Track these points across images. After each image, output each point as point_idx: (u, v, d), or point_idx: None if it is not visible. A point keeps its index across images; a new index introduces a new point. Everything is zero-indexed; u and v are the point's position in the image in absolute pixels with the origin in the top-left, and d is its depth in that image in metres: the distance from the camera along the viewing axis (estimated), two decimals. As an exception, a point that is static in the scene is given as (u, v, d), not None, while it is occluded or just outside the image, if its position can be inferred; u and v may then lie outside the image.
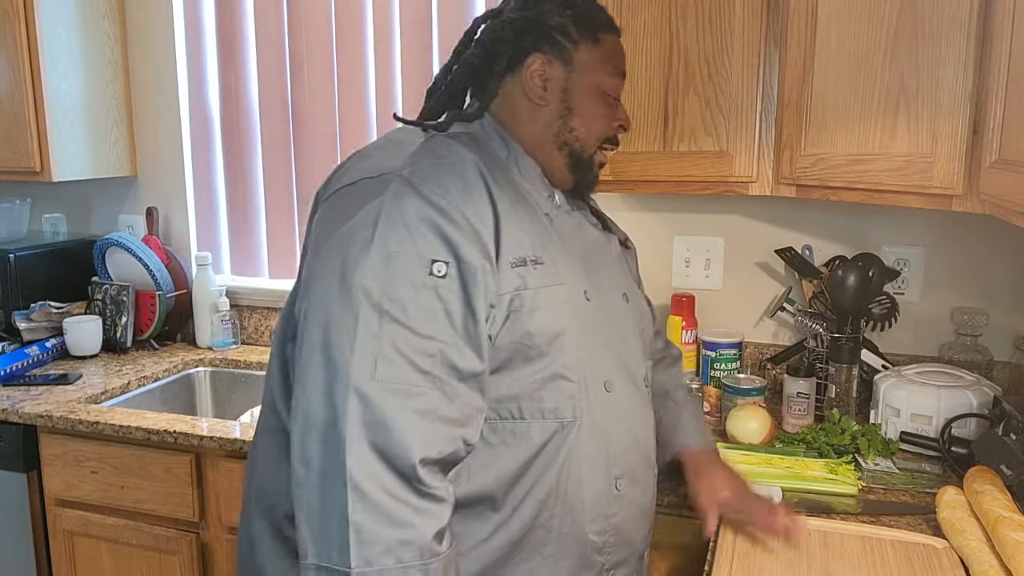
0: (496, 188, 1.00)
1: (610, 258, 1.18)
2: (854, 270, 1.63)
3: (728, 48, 1.53)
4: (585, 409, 1.04)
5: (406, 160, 0.98)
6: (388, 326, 0.89)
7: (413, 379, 0.89)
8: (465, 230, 0.94)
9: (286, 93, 2.23)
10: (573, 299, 1.04)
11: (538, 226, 1.04)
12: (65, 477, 1.83)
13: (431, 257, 0.92)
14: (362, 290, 0.90)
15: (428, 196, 0.94)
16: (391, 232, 0.92)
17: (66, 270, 2.33)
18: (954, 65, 1.21)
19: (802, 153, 1.47)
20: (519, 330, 0.98)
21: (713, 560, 1.15)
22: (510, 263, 0.98)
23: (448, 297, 0.92)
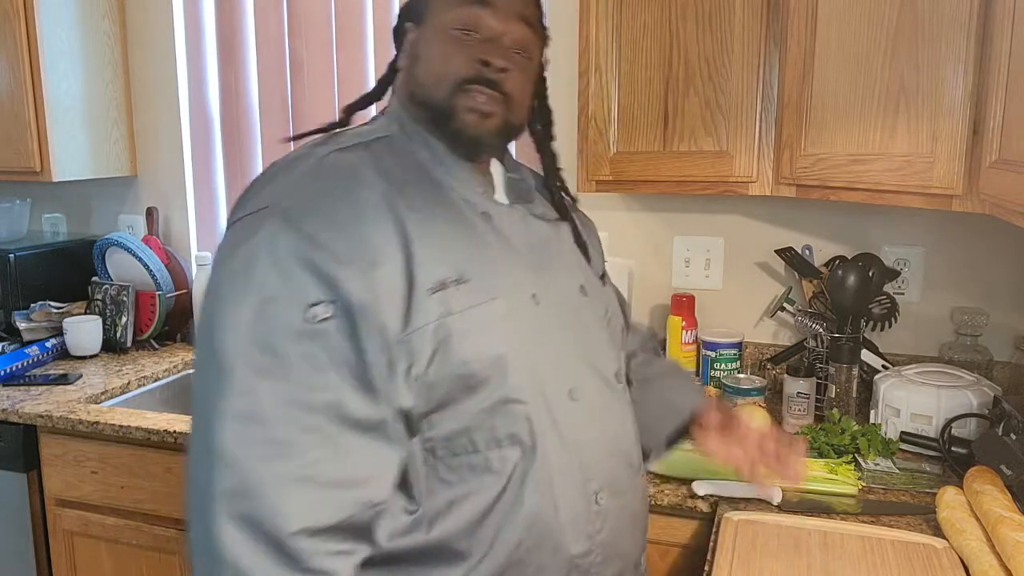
0: (404, 206, 0.90)
1: (561, 251, 1.07)
2: (854, 270, 1.63)
3: (728, 48, 1.53)
4: (548, 426, 0.94)
5: (291, 187, 0.89)
6: (264, 383, 0.80)
7: (294, 439, 0.80)
8: (352, 265, 0.84)
9: (286, 93, 2.23)
10: (516, 309, 0.94)
11: (467, 234, 0.94)
12: (65, 477, 1.83)
13: (309, 300, 0.82)
14: (233, 346, 0.81)
15: (307, 231, 0.84)
16: (266, 276, 0.83)
17: (66, 270, 2.33)
18: (954, 65, 1.21)
19: (802, 153, 1.47)
20: (453, 361, 0.88)
21: (713, 560, 1.15)
22: (427, 290, 0.87)
23: (334, 342, 0.83)
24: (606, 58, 1.62)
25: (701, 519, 1.39)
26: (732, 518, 1.26)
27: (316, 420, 0.81)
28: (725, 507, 1.32)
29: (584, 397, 0.98)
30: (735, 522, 1.25)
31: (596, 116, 1.65)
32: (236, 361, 0.81)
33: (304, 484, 0.80)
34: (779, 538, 1.20)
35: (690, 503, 1.37)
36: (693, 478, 1.40)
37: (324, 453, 0.81)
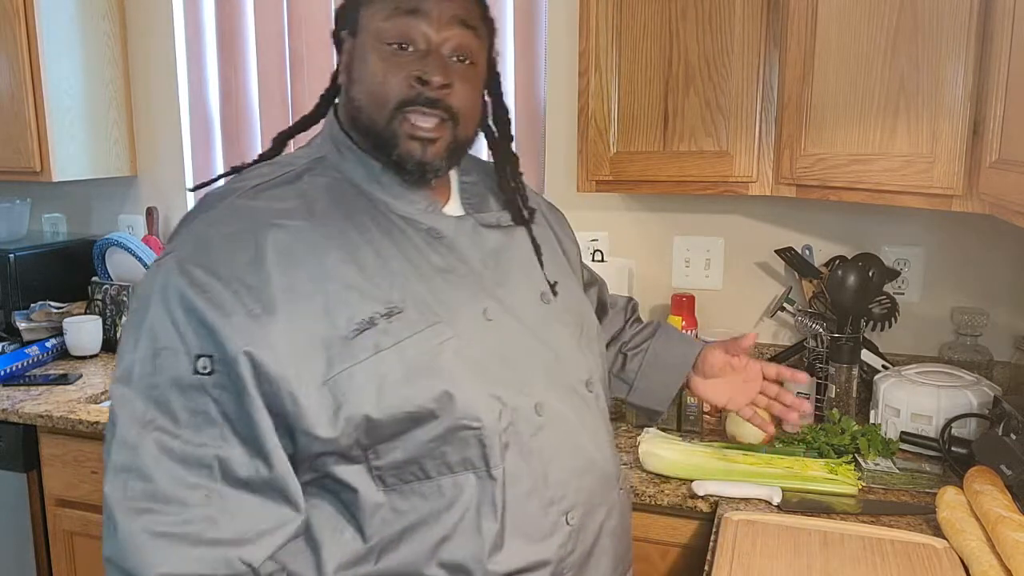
0: (325, 242, 0.85)
1: (518, 259, 1.00)
2: (854, 270, 1.63)
3: (728, 48, 1.53)
4: (506, 448, 0.88)
5: (193, 233, 0.85)
6: (151, 436, 0.79)
7: (174, 494, 0.78)
8: (236, 315, 0.79)
9: (286, 92, 2.23)
10: (465, 330, 0.89)
11: (403, 259, 0.89)
12: (65, 477, 1.83)
13: (197, 352, 0.79)
14: (122, 396, 0.81)
15: (198, 280, 0.81)
16: (158, 325, 0.81)
17: (66, 270, 2.33)
18: (954, 65, 1.21)
19: (802, 153, 1.47)
20: (393, 399, 0.83)
21: (713, 560, 1.15)
22: (352, 331, 0.83)
23: (220, 396, 0.80)
24: (606, 58, 1.62)
25: (701, 519, 1.39)
26: (732, 518, 1.26)
27: (199, 477, 0.79)
28: (725, 507, 1.32)
29: (550, 412, 0.93)
30: (735, 522, 1.25)
31: (596, 116, 1.65)
32: (122, 412, 0.80)
33: (174, 540, 0.78)
34: (779, 538, 1.20)
35: (690, 503, 1.37)
36: (693, 478, 1.40)
37: (205, 511, 0.79)
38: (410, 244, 0.91)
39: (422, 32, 0.88)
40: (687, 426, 1.65)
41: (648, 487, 1.40)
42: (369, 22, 0.90)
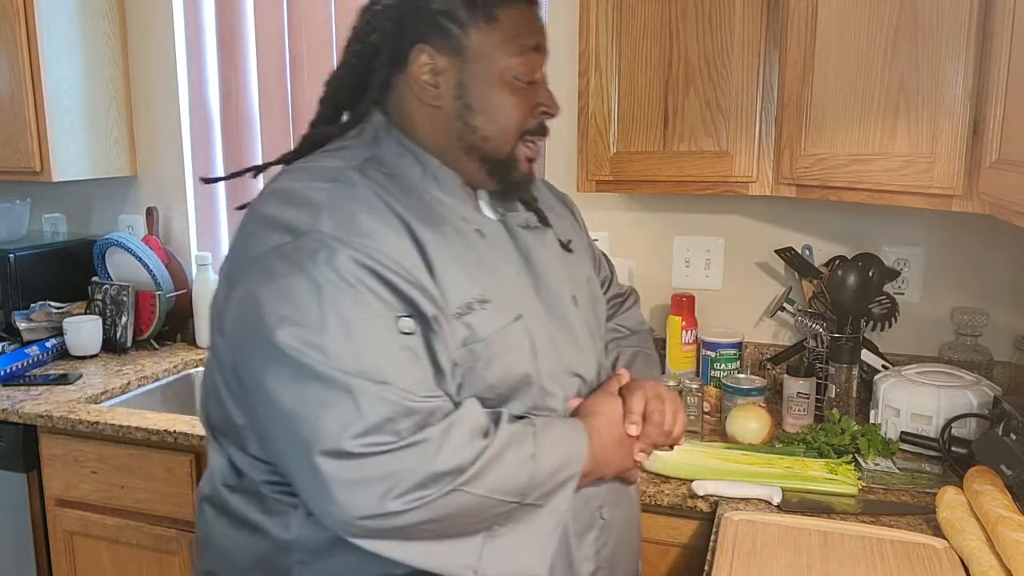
0: (419, 227, 0.88)
1: (551, 260, 1.04)
2: (854, 270, 1.63)
3: (728, 48, 1.53)
4: None
5: (319, 211, 0.85)
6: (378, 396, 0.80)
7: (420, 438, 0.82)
8: (412, 280, 0.84)
9: (286, 93, 2.23)
10: (533, 327, 0.94)
11: (474, 253, 0.93)
12: (65, 477, 1.83)
13: (396, 314, 0.83)
14: (332, 372, 0.80)
15: (364, 248, 0.83)
16: (342, 299, 0.81)
17: (66, 270, 2.33)
18: (954, 65, 1.21)
19: (802, 153, 1.47)
20: (479, 385, 0.89)
21: (713, 560, 1.15)
22: (454, 313, 0.87)
23: (421, 355, 0.84)
24: (606, 58, 1.62)
25: (701, 519, 1.39)
26: (732, 518, 1.26)
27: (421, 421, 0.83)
28: (725, 507, 1.32)
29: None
30: (735, 522, 1.25)
31: (596, 116, 1.65)
32: (344, 378, 0.80)
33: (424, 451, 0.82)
34: (779, 538, 1.20)
35: (690, 503, 1.37)
36: (693, 478, 1.39)
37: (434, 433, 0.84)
38: (472, 243, 0.94)
39: (539, 65, 0.96)
40: (687, 426, 1.65)
41: (648, 487, 1.40)
42: (489, 52, 0.92)
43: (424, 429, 0.82)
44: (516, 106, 0.94)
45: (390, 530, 0.82)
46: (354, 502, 0.80)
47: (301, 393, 0.81)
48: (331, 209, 0.85)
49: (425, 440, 0.81)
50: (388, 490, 0.80)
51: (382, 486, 0.80)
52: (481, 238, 0.95)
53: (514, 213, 1.03)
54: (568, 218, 1.18)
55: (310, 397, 0.80)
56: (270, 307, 0.82)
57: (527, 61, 0.93)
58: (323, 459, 0.80)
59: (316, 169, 0.92)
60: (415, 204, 0.91)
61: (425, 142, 0.96)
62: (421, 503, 0.81)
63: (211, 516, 1.01)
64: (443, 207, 0.94)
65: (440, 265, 0.87)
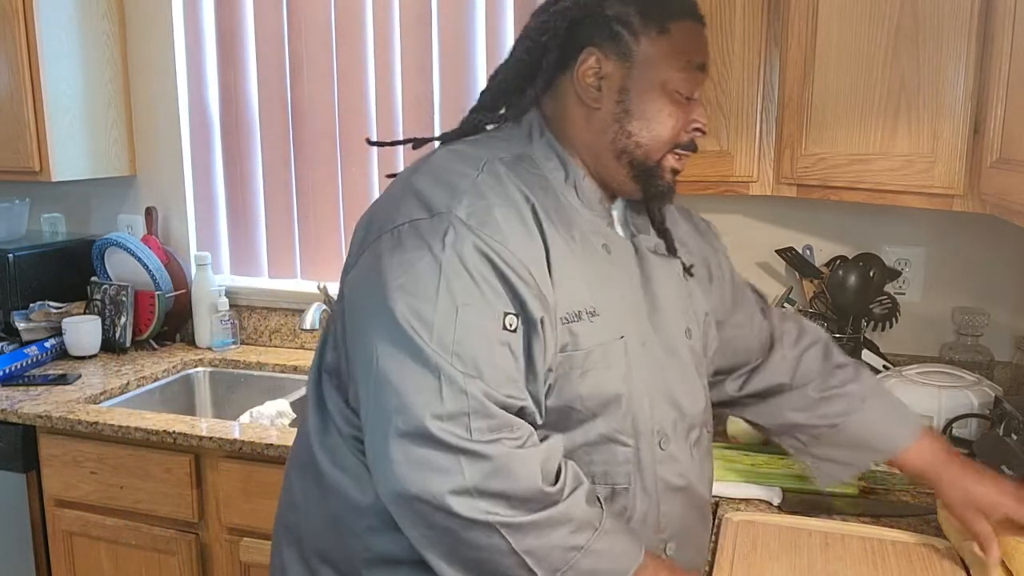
0: (550, 228, 0.91)
1: (672, 289, 1.04)
2: (855, 270, 1.63)
3: (728, 48, 1.53)
4: (637, 472, 0.95)
5: (459, 196, 0.89)
6: (473, 384, 0.83)
7: (509, 421, 0.85)
8: (527, 280, 0.87)
9: (286, 93, 2.23)
10: (632, 351, 0.95)
11: (595, 265, 0.95)
12: (64, 477, 1.83)
13: (503, 309, 0.85)
14: (433, 352, 0.83)
15: (490, 242, 0.86)
16: (457, 282, 0.84)
17: (65, 270, 2.32)
18: (955, 65, 1.21)
19: (803, 153, 1.47)
20: (568, 394, 0.91)
21: (713, 560, 1.15)
22: (562, 318, 0.90)
23: (518, 353, 0.86)
24: (606, 58, 1.62)
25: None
26: (732, 518, 1.26)
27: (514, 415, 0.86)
28: (725, 507, 1.32)
29: (671, 447, 0.99)
30: (735, 522, 1.25)
31: (596, 116, 1.64)
32: (441, 365, 0.82)
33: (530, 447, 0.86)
34: (779, 538, 1.20)
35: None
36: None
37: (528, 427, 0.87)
38: (596, 253, 0.96)
39: (700, 85, 0.97)
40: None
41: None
42: (655, 61, 0.93)
43: (495, 442, 0.83)
44: (672, 117, 0.95)
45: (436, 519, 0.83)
46: (411, 480, 0.82)
47: (397, 363, 0.84)
48: (471, 196, 0.88)
49: (488, 457, 0.82)
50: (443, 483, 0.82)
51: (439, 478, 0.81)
52: (607, 253, 0.97)
53: (645, 236, 1.05)
54: (704, 248, 1.18)
55: (404, 369, 0.84)
56: (392, 274, 0.86)
57: (690, 77, 0.95)
58: (397, 431, 0.83)
59: (470, 155, 0.94)
60: (552, 205, 0.94)
61: (577, 144, 0.98)
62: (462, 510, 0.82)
63: (295, 478, 1.04)
64: (577, 215, 0.96)
65: (560, 269, 0.90)
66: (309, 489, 1.01)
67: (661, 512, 0.98)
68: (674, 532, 1.00)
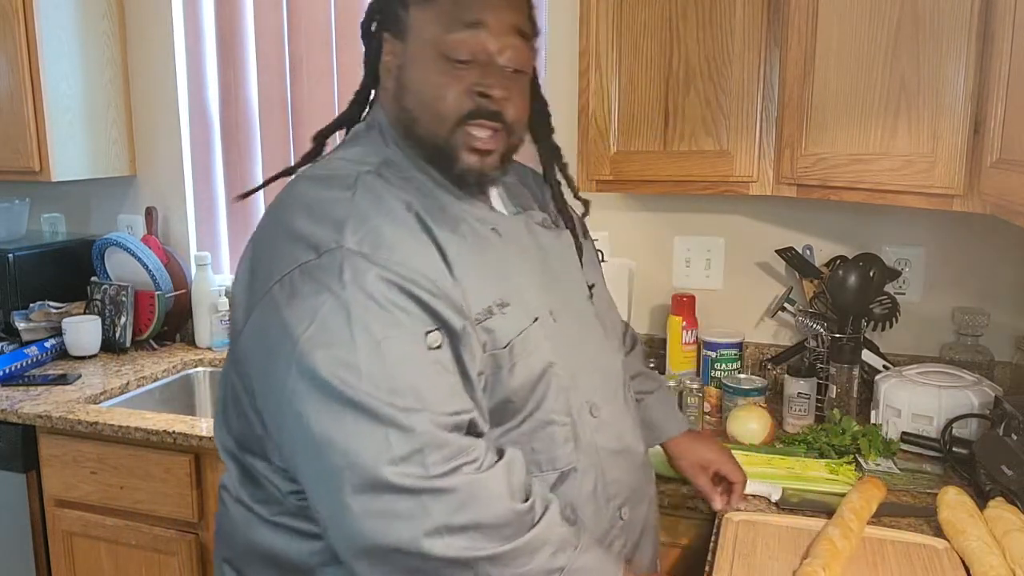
0: (439, 231, 0.86)
1: (567, 257, 1.03)
2: (855, 270, 1.63)
3: (728, 48, 1.53)
4: (576, 448, 0.94)
5: (343, 226, 0.83)
6: (417, 417, 0.79)
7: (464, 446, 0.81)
8: (437, 292, 0.83)
9: (286, 93, 2.23)
10: (548, 329, 0.92)
11: (492, 254, 0.91)
12: (64, 477, 1.83)
13: (424, 329, 0.81)
14: (367, 397, 0.78)
15: (389, 266, 0.81)
16: (370, 317, 0.79)
17: (65, 270, 2.32)
18: (955, 64, 1.21)
19: (803, 153, 1.47)
20: (502, 391, 0.88)
21: (713, 560, 1.15)
22: (475, 319, 0.86)
23: (451, 368, 0.83)
24: (606, 58, 1.62)
25: (701, 519, 1.38)
26: (732, 518, 1.26)
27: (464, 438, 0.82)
28: (725, 507, 1.32)
29: (602, 412, 0.98)
30: (735, 522, 1.25)
31: (596, 116, 1.65)
32: (377, 408, 0.78)
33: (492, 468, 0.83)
34: (779, 538, 1.20)
35: (690, 503, 1.37)
36: (693, 478, 1.39)
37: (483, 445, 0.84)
38: (489, 243, 0.93)
39: (482, 44, 0.88)
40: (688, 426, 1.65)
41: (648, 487, 1.40)
42: (424, 29, 0.88)
43: (454, 472, 0.79)
44: (447, 85, 0.87)
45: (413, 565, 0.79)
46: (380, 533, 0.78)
47: (335, 420, 0.79)
48: (355, 223, 0.83)
49: (451, 490, 0.79)
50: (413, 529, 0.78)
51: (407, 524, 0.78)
52: (499, 237, 0.94)
53: (531, 211, 1.02)
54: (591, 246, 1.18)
55: (344, 425, 0.78)
56: (298, 328, 0.80)
57: (464, 38, 0.87)
58: (353, 488, 0.78)
59: (335, 176, 0.89)
60: (433, 205, 0.90)
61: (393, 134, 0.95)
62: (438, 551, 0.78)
63: (232, 508, 0.99)
64: (458, 208, 0.93)
65: (461, 270, 0.86)
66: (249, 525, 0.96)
67: (608, 480, 0.97)
68: (625, 496, 1.00)
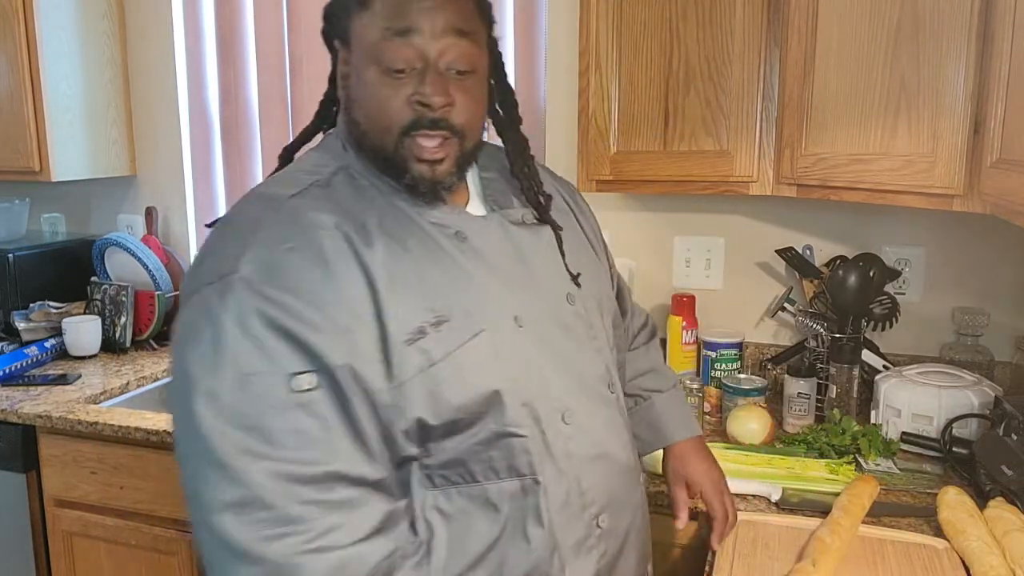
0: (368, 251, 0.84)
1: (543, 257, 0.99)
2: (855, 270, 1.63)
3: (728, 48, 1.53)
4: (544, 456, 0.90)
5: (245, 251, 0.82)
6: (255, 465, 0.76)
7: (298, 514, 0.77)
8: (326, 330, 0.80)
9: (286, 93, 2.23)
10: (502, 338, 0.89)
11: (440, 265, 0.88)
12: (64, 477, 1.83)
13: (291, 371, 0.78)
14: (217, 431, 0.77)
15: (276, 298, 0.79)
16: (240, 350, 0.78)
17: (65, 270, 2.32)
18: (955, 64, 1.21)
19: (803, 153, 1.47)
20: (445, 407, 0.85)
21: (713, 560, 1.15)
22: (403, 342, 0.83)
23: (322, 411, 0.79)
24: (606, 58, 1.62)
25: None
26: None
27: (315, 492, 0.78)
28: (725, 507, 1.32)
29: (577, 418, 0.95)
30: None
31: (596, 116, 1.65)
32: (222, 447, 0.77)
33: (323, 552, 0.77)
34: (779, 538, 1.20)
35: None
36: (693, 478, 1.39)
37: (333, 520, 0.78)
38: (442, 251, 0.90)
39: (417, 51, 0.85)
40: (687, 426, 1.65)
41: (648, 487, 1.40)
42: (362, 36, 0.87)
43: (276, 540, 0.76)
44: (388, 98, 0.86)
45: None
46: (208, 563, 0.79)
47: (189, 447, 0.80)
48: (257, 249, 0.82)
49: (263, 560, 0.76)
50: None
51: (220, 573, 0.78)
52: (460, 242, 0.91)
53: (509, 209, 0.99)
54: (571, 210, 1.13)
55: (194, 455, 0.79)
56: (185, 346, 0.82)
57: (395, 46, 0.85)
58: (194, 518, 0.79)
59: (272, 194, 0.89)
60: (382, 215, 0.88)
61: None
62: None
63: None
64: (416, 214, 0.90)
65: (391, 292, 0.84)
66: None
67: (584, 488, 0.94)
68: (603, 504, 0.96)
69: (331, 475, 0.79)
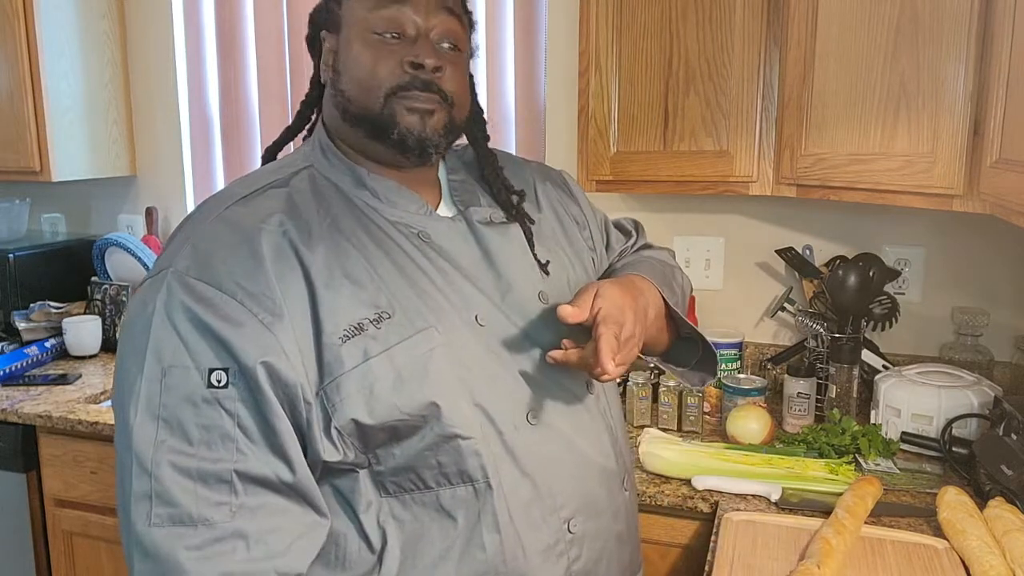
0: (309, 249, 0.84)
1: (512, 256, 0.97)
2: (855, 270, 1.63)
3: (728, 48, 1.53)
4: (501, 459, 0.88)
5: (184, 246, 0.83)
6: (167, 458, 0.76)
7: (198, 515, 0.76)
8: (247, 326, 0.79)
9: (286, 93, 2.23)
10: (457, 337, 0.87)
11: (392, 263, 0.88)
12: (64, 477, 1.83)
13: (208, 366, 0.78)
14: (136, 422, 0.78)
15: (202, 293, 0.80)
16: (165, 343, 0.79)
17: (65, 270, 2.33)
18: (955, 65, 1.21)
19: (803, 153, 1.47)
20: (381, 405, 0.83)
21: (713, 561, 1.15)
22: (339, 339, 0.82)
23: (236, 409, 0.78)
24: (606, 58, 1.62)
25: (701, 519, 1.39)
26: (732, 518, 1.26)
27: (221, 494, 0.77)
28: (726, 507, 1.32)
29: (545, 419, 0.92)
30: (735, 522, 1.25)
31: (596, 116, 1.65)
32: (140, 437, 0.77)
33: (211, 559, 0.76)
34: (779, 538, 1.20)
35: (690, 503, 1.37)
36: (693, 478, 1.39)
37: (233, 527, 0.77)
38: (399, 249, 0.89)
39: (411, 19, 0.88)
40: (687, 426, 1.65)
41: (648, 487, 1.40)
42: (353, 15, 0.90)
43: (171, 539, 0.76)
44: (378, 61, 0.88)
45: None
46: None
47: (120, 431, 0.81)
48: (193, 243, 0.83)
49: (155, 555, 0.76)
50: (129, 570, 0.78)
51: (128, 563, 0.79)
52: (423, 241, 0.91)
53: (476, 208, 0.99)
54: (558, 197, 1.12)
55: (121, 440, 0.80)
56: (124, 333, 0.84)
57: (389, 13, 0.88)
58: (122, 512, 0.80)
59: (228, 192, 0.91)
60: (332, 216, 0.89)
61: (337, 134, 0.94)
62: None
63: None
64: (376, 215, 0.91)
65: (328, 290, 0.83)
66: None
67: (553, 490, 0.91)
68: (575, 506, 0.93)
69: (241, 475, 0.78)
